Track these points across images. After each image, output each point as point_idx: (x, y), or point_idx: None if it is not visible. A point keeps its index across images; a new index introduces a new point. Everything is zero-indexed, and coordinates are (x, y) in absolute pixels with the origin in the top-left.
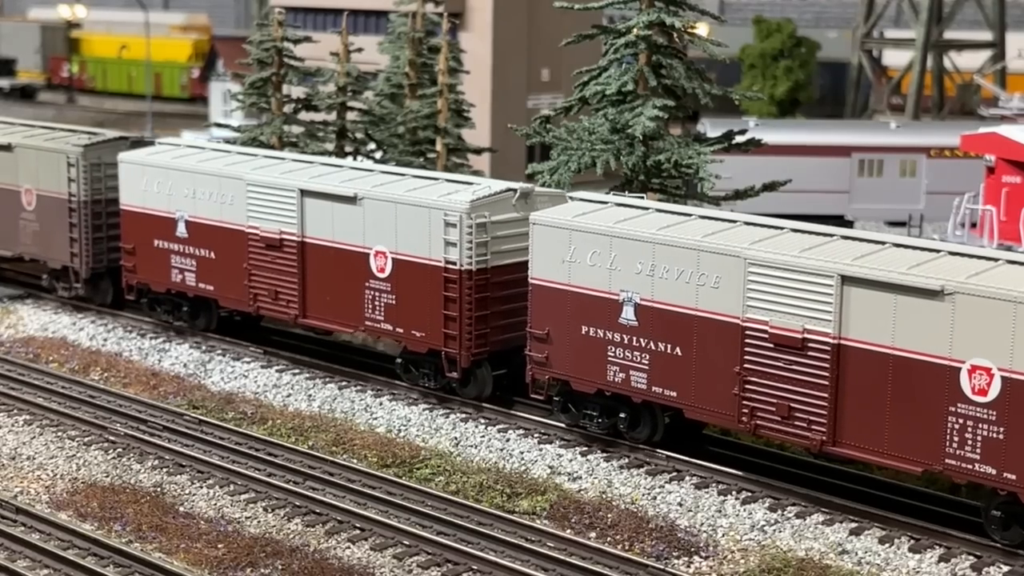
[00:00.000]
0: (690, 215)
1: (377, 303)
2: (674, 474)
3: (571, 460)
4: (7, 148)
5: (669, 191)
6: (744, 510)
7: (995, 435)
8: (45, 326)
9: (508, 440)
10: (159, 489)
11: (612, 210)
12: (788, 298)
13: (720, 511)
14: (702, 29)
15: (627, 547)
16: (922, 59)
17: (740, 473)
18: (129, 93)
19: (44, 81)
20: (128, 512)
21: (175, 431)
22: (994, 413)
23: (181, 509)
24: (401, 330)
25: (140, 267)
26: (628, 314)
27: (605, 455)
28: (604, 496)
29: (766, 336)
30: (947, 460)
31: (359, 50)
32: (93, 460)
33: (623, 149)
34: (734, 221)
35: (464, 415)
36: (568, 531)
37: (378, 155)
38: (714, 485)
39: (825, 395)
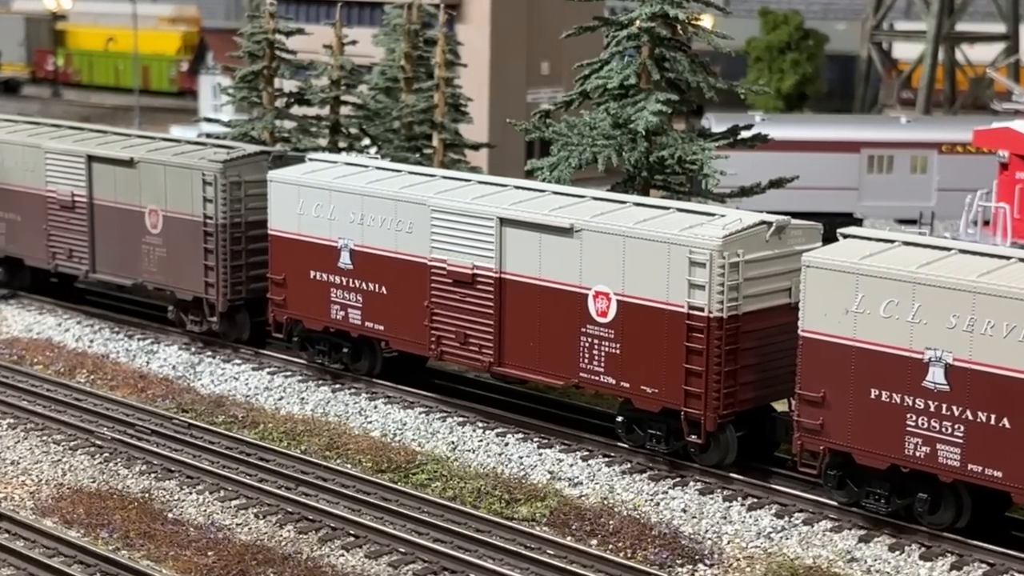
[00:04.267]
0: (1011, 259)
1: (596, 352)
2: (677, 479)
3: (571, 465)
4: (128, 163)
5: (672, 188)
6: (750, 516)
7: None
8: (30, 327)
9: (507, 445)
10: (147, 495)
11: (900, 251)
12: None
13: (725, 517)
14: (706, 21)
15: (629, 555)
16: (933, 52)
17: (744, 478)
18: (116, 87)
19: (28, 75)
20: (115, 518)
21: (163, 435)
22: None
23: (170, 515)
24: (626, 384)
25: (291, 301)
26: (936, 376)
27: (606, 460)
28: (606, 502)
29: None
30: None
31: (353, 43)
32: (79, 465)
33: (625, 145)
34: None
35: (462, 419)
36: (569, 538)
37: (372, 151)
38: (719, 491)
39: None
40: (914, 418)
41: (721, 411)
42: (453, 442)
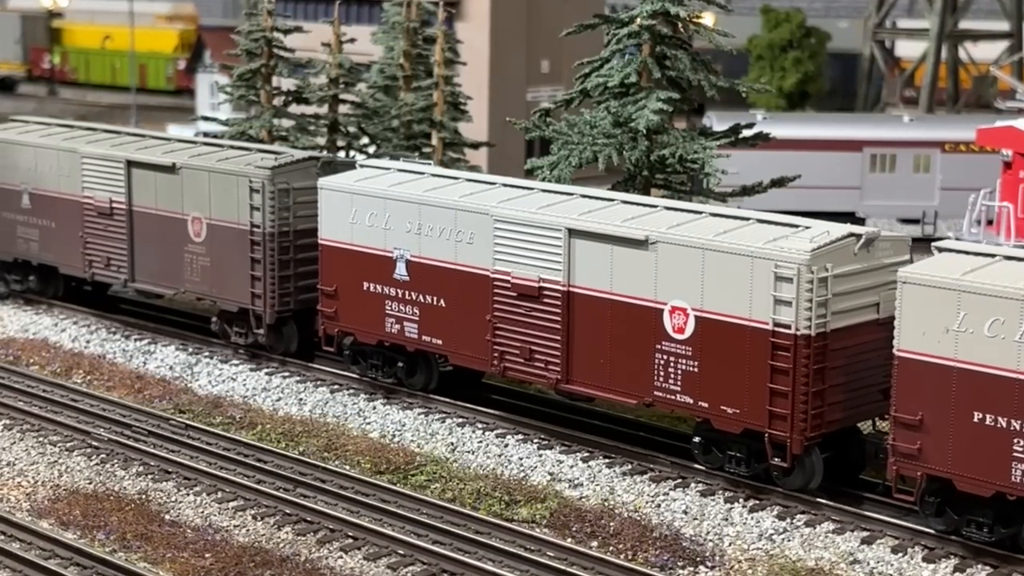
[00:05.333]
0: None
1: (672, 370)
2: (679, 481)
3: (572, 466)
4: (171, 169)
5: (673, 187)
6: (751, 518)
7: None
8: (26, 327)
9: (506, 446)
10: (144, 496)
11: (1002, 265)
12: None
13: (727, 519)
14: (708, 18)
15: (630, 557)
16: (936, 50)
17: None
18: (113, 85)
19: (24, 73)
20: (112, 520)
21: (160, 436)
22: None
23: (167, 517)
24: (705, 404)
25: (343, 314)
26: None
27: (607, 461)
28: (606, 504)
29: None
30: None
31: (352, 40)
32: (76, 466)
33: (626, 143)
34: None
35: (461, 420)
36: (569, 540)
37: (371, 149)
38: (720, 492)
39: None
40: (1022, 443)
41: (808, 433)
42: (452, 443)
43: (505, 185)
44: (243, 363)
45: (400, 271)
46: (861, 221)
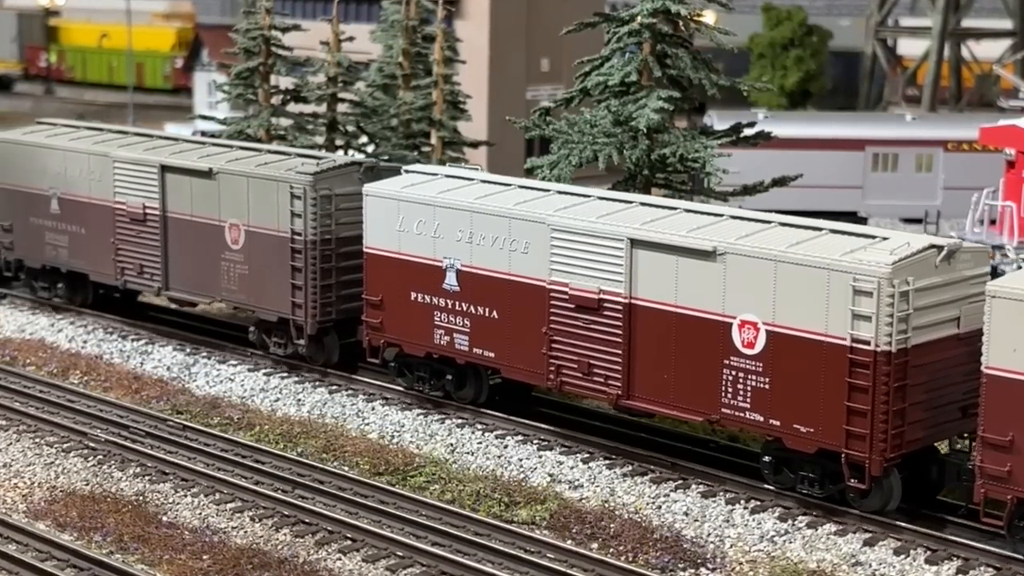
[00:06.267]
0: None
1: (741, 387)
2: (680, 482)
3: (572, 467)
4: (207, 174)
5: (674, 186)
6: (753, 520)
7: None
8: (22, 327)
9: (506, 447)
10: (141, 498)
11: None
12: None
13: (728, 521)
14: (709, 17)
15: (631, 558)
16: (939, 48)
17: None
18: (110, 84)
19: (20, 71)
20: (109, 522)
21: (158, 437)
22: None
23: (164, 519)
24: (776, 423)
25: (389, 324)
26: None
27: (607, 462)
28: (607, 505)
29: None
30: None
31: (350, 39)
32: (72, 467)
33: (626, 142)
34: None
35: (460, 420)
36: (569, 541)
37: (370, 149)
38: (721, 494)
39: None
40: None
41: (887, 453)
42: (452, 444)
43: (560, 192)
44: (241, 364)
45: (450, 281)
46: (863, 220)
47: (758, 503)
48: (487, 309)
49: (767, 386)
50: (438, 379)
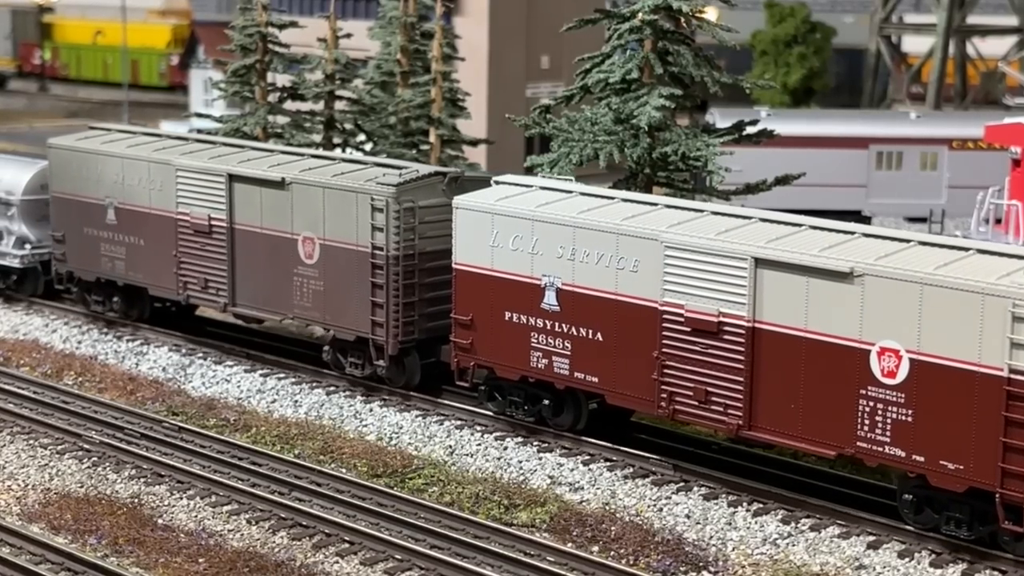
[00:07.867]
0: None
1: (880, 419)
2: (681, 484)
3: (572, 470)
4: (279, 184)
5: (676, 185)
6: (755, 523)
7: None
8: (16, 328)
9: (506, 449)
10: (136, 500)
11: None
12: None
13: (730, 523)
14: (711, 14)
15: (632, 561)
16: (944, 45)
17: (751, 484)
18: (105, 81)
19: (14, 69)
20: (104, 524)
21: (153, 439)
22: None
23: (160, 521)
24: (920, 458)
25: (480, 346)
26: None
27: (608, 464)
28: (607, 507)
29: None
30: None
31: (348, 36)
32: (67, 469)
33: (627, 141)
34: None
35: (459, 422)
36: (569, 544)
37: (368, 147)
38: (724, 496)
39: None
40: None
41: None
42: (450, 446)
43: (670, 206)
44: (237, 364)
45: (549, 300)
46: (867, 219)
47: (760, 505)
48: (591, 331)
49: (910, 419)
50: (533, 404)
